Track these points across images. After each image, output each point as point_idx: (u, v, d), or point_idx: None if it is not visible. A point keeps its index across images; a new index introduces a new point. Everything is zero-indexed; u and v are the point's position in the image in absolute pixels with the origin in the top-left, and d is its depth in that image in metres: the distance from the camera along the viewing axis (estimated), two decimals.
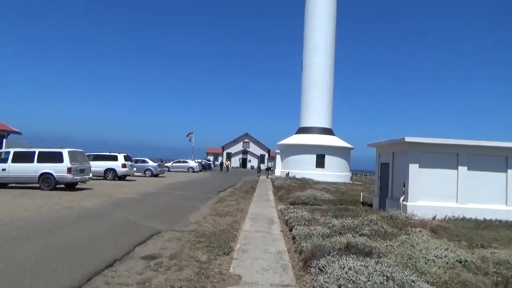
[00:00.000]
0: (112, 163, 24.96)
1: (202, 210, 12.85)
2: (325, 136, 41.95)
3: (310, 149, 40.68)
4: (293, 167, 40.98)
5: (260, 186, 26.02)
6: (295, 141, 42.66)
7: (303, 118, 43.47)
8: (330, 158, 40.78)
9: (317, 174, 38.63)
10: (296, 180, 30.15)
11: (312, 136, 41.74)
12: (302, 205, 14.55)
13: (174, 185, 23.08)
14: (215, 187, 22.59)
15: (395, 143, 13.24)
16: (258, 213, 12.53)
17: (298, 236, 8.13)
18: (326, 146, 40.75)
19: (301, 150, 40.96)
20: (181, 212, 12.08)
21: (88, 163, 18.42)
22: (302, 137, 42.18)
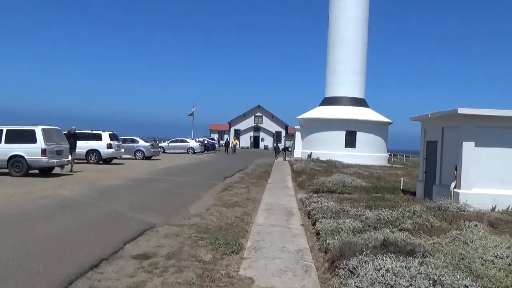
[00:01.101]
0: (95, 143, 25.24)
1: (205, 199, 12.98)
2: (356, 108, 41.67)
3: (338, 124, 40.52)
4: (316, 147, 40.98)
5: (276, 171, 26.09)
6: (319, 114, 42.53)
7: (329, 87, 43.12)
8: (362, 135, 40.63)
9: (347, 156, 38.59)
10: (321, 163, 30.15)
11: (341, 109, 41.48)
12: (327, 194, 14.58)
13: (170, 169, 23.32)
14: (221, 172, 22.74)
15: (445, 116, 13.03)
16: (274, 203, 12.59)
17: (323, 231, 8.15)
18: (358, 121, 40.57)
19: (327, 125, 40.86)
20: (179, 202, 12.21)
21: (67, 144, 18.63)
22: (328, 110, 41.96)
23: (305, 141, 43.44)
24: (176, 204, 11.88)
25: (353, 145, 40.73)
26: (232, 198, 13.44)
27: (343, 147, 40.52)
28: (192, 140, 48.23)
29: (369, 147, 40.53)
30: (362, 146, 40.44)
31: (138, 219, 9.56)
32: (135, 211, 10.46)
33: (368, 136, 40.76)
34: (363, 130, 40.66)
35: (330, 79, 42.97)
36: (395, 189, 15.93)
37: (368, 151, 40.27)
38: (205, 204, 12.11)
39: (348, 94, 42.09)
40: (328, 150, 39.77)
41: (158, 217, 9.86)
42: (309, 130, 42.79)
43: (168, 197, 13.01)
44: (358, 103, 42.14)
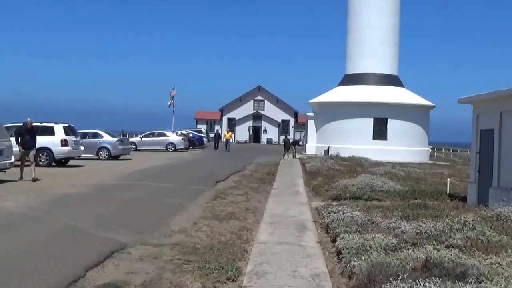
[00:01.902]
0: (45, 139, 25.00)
1: (191, 210, 12.99)
2: (387, 88, 41.74)
3: (363, 109, 40.62)
4: (335, 140, 41.10)
5: (283, 171, 26.10)
6: (338, 97, 42.61)
7: (351, 61, 43.18)
8: (396, 123, 40.75)
9: (376, 151, 38.71)
10: (342, 161, 30.23)
11: (367, 89, 41.55)
12: (351, 201, 14.61)
13: (145, 172, 23.36)
14: (211, 175, 22.77)
15: (504, 97, 13.02)
16: (281, 214, 12.61)
17: (346, 249, 8.15)
18: (389, 105, 40.65)
19: (349, 111, 40.97)
20: (157, 214, 12.23)
21: (9, 141, 18.64)
22: (350, 91, 42.02)
23: (321, 133, 43.52)
24: (153, 217, 11.89)
25: (383, 136, 40.80)
26: (226, 208, 13.45)
27: (371, 140, 40.60)
28: (173, 133, 48.28)
29: (404, 139, 40.61)
30: (395, 137, 40.52)
31: (104, 237, 9.57)
32: (99, 227, 10.46)
33: (403, 125, 40.85)
34: (397, 116, 40.72)
35: (352, 51, 42.99)
36: (440, 194, 15.96)
37: (403, 144, 40.35)
38: (191, 216, 12.11)
39: (377, 70, 42.12)
40: (351, 143, 39.84)
41: (130, 235, 9.86)
42: (326, 117, 42.85)
43: (142, 209, 13.02)
44: (389, 81, 42.17)
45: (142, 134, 46.10)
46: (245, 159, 35.72)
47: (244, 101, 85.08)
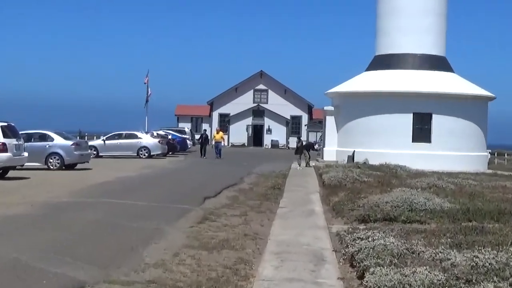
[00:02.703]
0: None
1: (171, 237, 12.96)
2: (432, 74, 41.70)
3: (399, 101, 40.57)
4: (363, 142, 41.05)
5: (293, 184, 26.02)
6: (366, 85, 42.55)
7: (383, 37, 43.14)
8: (443, 120, 40.69)
9: (416, 156, 38.67)
10: (371, 170, 30.15)
11: (405, 75, 41.51)
12: (384, 223, 14.57)
13: (110, 185, 23.34)
14: (197, 189, 22.75)
15: None
16: (291, 242, 12.57)
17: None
18: (435, 95, 40.59)
19: (381, 104, 40.94)
20: (126, 242, 12.20)
21: None
22: (382, 77, 41.98)
23: (343, 133, 43.44)
24: (120, 246, 11.86)
25: (426, 138, 40.72)
26: (217, 233, 13.41)
27: (410, 142, 40.52)
28: (146, 134, 48.26)
29: (454, 141, 40.53)
30: (442, 139, 40.43)
31: (56, 273, 9.55)
32: (50, 260, 10.44)
33: (453, 122, 40.76)
34: (445, 111, 40.64)
35: (384, 25, 42.94)
36: (502, 214, 15.87)
37: (453, 148, 40.28)
38: (171, 245, 12.08)
39: (418, 49, 42.05)
40: (383, 147, 39.78)
41: (90, 270, 9.84)
42: (350, 113, 42.78)
43: (107, 235, 12.99)
44: (435, 64, 42.12)
45: (106, 136, 46.02)
46: (242, 168, 35.60)
47: (241, 91, 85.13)
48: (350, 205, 17.47)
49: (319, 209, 18.14)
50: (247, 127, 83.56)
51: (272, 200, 20.30)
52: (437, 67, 42.13)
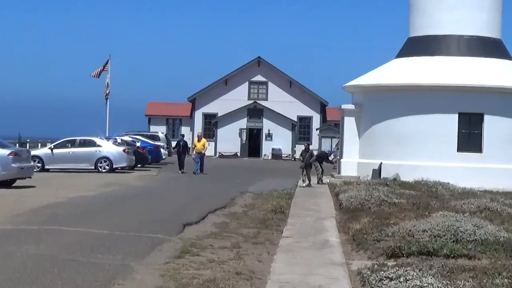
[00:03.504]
0: None
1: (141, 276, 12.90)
2: (484, 62, 41.61)
3: (441, 97, 40.56)
4: (392, 152, 41.04)
5: (301, 207, 26.02)
6: (397, 76, 42.45)
7: (420, 14, 43.22)
8: (499, 123, 40.61)
9: (463, 171, 38.68)
10: (403, 188, 30.14)
11: (448, 63, 41.52)
12: (420, 258, 14.53)
13: (59, 208, 23.30)
14: (175, 213, 22.80)
15: None
16: (297, 283, 12.56)
17: None
18: (488, 90, 40.41)
19: (416, 101, 40.88)
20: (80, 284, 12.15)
21: None
22: (418, 66, 42.00)
23: (367, 139, 43.36)
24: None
25: (476, 146, 40.63)
26: (201, 272, 13.39)
27: (454, 152, 40.43)
28: (108, 141, 48.05)
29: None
30: (497, 147, 40.35)
31: None
32: None
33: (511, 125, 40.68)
34: (501, 111, 40.55)
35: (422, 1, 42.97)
36: None
37: (511, 159, 40.14)
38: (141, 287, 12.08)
39: (465, 30, 42.06)
40: (419, 158, 39.81)
41: None
42: (376, 113, 42.71)
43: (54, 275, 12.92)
44: (488, 49, 42.06)
45: (54, 143, 45.97)
46: (234, 186, 35.58)
47: (233, 84, 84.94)
48: (376, 234, 17.44)
49: (335, 240, 18.11)
50: (240, 132, 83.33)
51: (273, 228, 20.26)
52: (490, 53, 42.06)
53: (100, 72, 66.02)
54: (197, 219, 21.59)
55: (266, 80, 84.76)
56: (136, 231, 18.46)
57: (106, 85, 66.02)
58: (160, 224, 19.90)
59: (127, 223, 20.08)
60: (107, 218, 21.00)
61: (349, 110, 44.91)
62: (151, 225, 19.78)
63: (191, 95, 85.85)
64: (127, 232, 18.30)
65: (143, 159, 50.03)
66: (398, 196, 26.40)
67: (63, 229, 18.30)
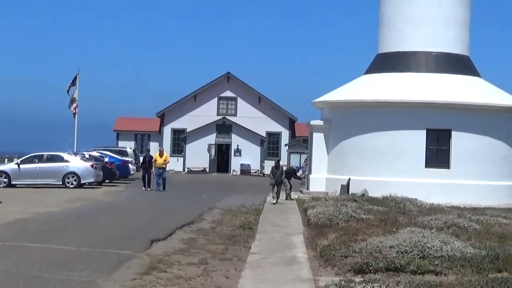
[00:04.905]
0: None
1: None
2: (452, 79, 41.83)
3: (409, 113, 40.68)
4: (361, 168, 41.09)
5: (269, 223, 26.03)
6: (366, 92, 42.51)
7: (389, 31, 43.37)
8: (466, 139, 40.77)
9: (431, 187, 38.88)
10: (372, 204, 30.26)
11: (416, 79, 41.65)
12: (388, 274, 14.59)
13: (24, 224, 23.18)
14: (142, 229, 22.75)
15: None
16: None
17: None
18: (456, 106, 40.60)
19: (384, 118, 41.04)
20: None
21: None
22: (387, 82, 42.15)
23: (336, 155, 43.38)
24: None
25: (444, 162, 40.75)
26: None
27: (422, 168, 40.51)
28: (75, 156, 47.84)
29: (481, 167, 40.61)
30: (464, 163, 40.50)
31: None
32: None
33: (479, 141, 40.86)
34: (468, 127, 40.69)
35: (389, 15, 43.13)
36: None
37: (478, 175, 40.31)
38: None
39: (433, 47, 42.21)
40: (387, 174, 39.92)
41: None
42: (344, 129, 42.75)
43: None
44: (455, 66, 42.26)
45: (21, 159, 45.68)
46: (202, 202, 35.51)
47: (202, 99, 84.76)
48: (344, 250, 17.44)
49: (303, 256, 18.10)
50: (209, 147, 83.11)
51: (241, 244, 20.26)
52: (458, 70, 42.25)
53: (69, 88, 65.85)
54: (165, 235, 21.55)
55: (235, 95, 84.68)
56: (103, 247, 18.38)
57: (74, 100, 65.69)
58: (128, 240, 19.84)
59: (94, 239, 19.98)
60: (74, 234, 20.89)
61: (318, 126, 44.89)
62: (118, 241, 19.71)
63: (160, 111, 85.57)
64: (94, 248, 18.22)
65: (111, 175, 49.83)
66: (366, 212, 26.49)
67: (29, 246, 18.18)
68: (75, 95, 66.37)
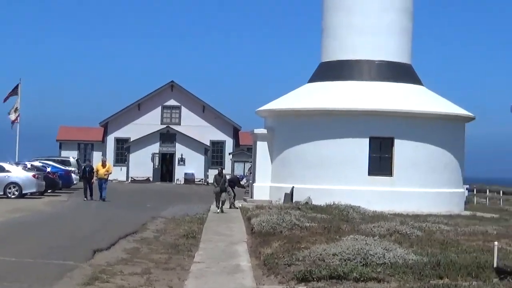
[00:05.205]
0: None
1: None
2: (395, 87, 42.11)
3: (352, 122, 40.83)
4: (304, 176, 41.15)
5: (213, 232, 26.00)
6: (309, 101, 42.54)
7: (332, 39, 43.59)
8: (409, 147, 41.07)
9: (374, 194, 39.11)
10: (315, 212, 30.37)
11: (359, 87, 41.87)
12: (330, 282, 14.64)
13: None
14: (85, 239, 22.60)
15: None
16: None
17: None
18: (398, 114, 40.87)
19: (327, 126, 41.13)
20: None
21: None
22: (330, 91, 42.28)
23: (279, 164, 43.35)
24: None
25: (386, 170, 40.93)
26: None
27: (365, 176, 40.66)
28: (17, 166, 47.35)
29: (423, 175, 40.89)
30: (407, 171, 40.73)
31: None
32: None
33: (421, 149, 41.14)
34: (410, 135, 40.94)
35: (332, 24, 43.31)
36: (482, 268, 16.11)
37: (420, 183, 40.59)
38: None
39: (375, 55, 42.43)
40: (330, 182, 40.00)
41: None
42: (287, 137, 42.74)
43: None
44: (398, 74, 42.49)
45: None
46: (146, 211, 35.39)
47: (146, 108, 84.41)
48: (287, 258, 17.44)
49: (247, 265, 18.09)
50: (153, 156, 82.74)
51: (185, 253, 20.25)
52: (400, 78, 42.47)
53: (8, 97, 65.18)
54: (108, 245, 21.40)
55: (179, 104, 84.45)
56: (45, 258, 18.20)
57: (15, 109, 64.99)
58: (70, 251, 19.67)
59: (36, 249, 19.79)
60: (16, 245, 20.65)
61: (262, 134, 44.82)
62: (60, 251, 19.52)
63: (103, 120, 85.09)
64: (36, 259, 18.03)
65: (53, 185, 49.35)
66: (309, 220, 26.57)
67: None
68: (17, 105, 65.69)
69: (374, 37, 42.18)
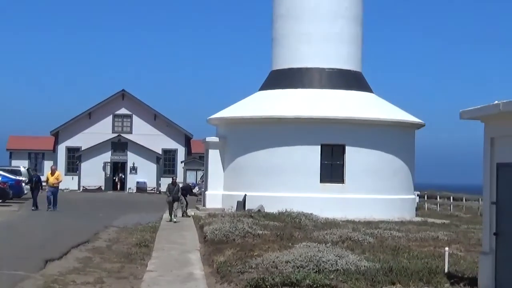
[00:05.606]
0: None
1: None
2: (345, 94, 42.25)
3: (302, 130, 40.86)
4: (256, 184, 41.09)
5: (166, 240, 25.93)
6: (260, 109, 42.48)
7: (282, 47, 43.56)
8: (360, 154, 41.21)
9: (326, 201, 39.13)
10: (268, 220, 30.34)
11: (310, 95, 41.93)
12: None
13: None
14: (36, 248, 22.39)
15: None
16: None
17: None
18: (349, 122, 40.99)
19: (278, 134, 41.12)
20: None
21: None
22: (280, 99, 42.25)
23: (231, 172, 43.29)
24: None
25: (338, 177, 40.99)
26: None
27: (317, 183, 40.69)
28: None
29: (374, 181, 41.04)
30: (358, 178, 40.84)
31: None
32: None
33: (372, 156, 41.28)
34: (361, 142, 41.06)
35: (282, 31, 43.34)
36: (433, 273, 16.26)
37: (371, 189, 40.72)
38: None
39: (326, 63, 42.51)
40: (282, 190, 39.98)
41: None
42: (239, 145, 42.67)
43: None
44: (348, 82, 42.63)
45: None
46: (98, 220, 35.10)
47: (97, 117, 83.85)
48: (240, 266, 17.48)
49: (200, 273, 18.11)
50: (104, 165, 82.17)
51: (138, 262, 20.16)
52: (351, 86, 42.60)
53: None
54: (60, 254, 21.20)
55: (130, 113, 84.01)
56: None
57: None
58: (21, 261, 19.44)
59: None
60: None
61: (213, 142, 44.79)
62: (11, 261, 19.29)
63: (54, 129, 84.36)
64: None
65: (3, 194, 48.70)
66: (262, 227, 26.59)
67: None
68: None
69: (324, 45, 42.31)
